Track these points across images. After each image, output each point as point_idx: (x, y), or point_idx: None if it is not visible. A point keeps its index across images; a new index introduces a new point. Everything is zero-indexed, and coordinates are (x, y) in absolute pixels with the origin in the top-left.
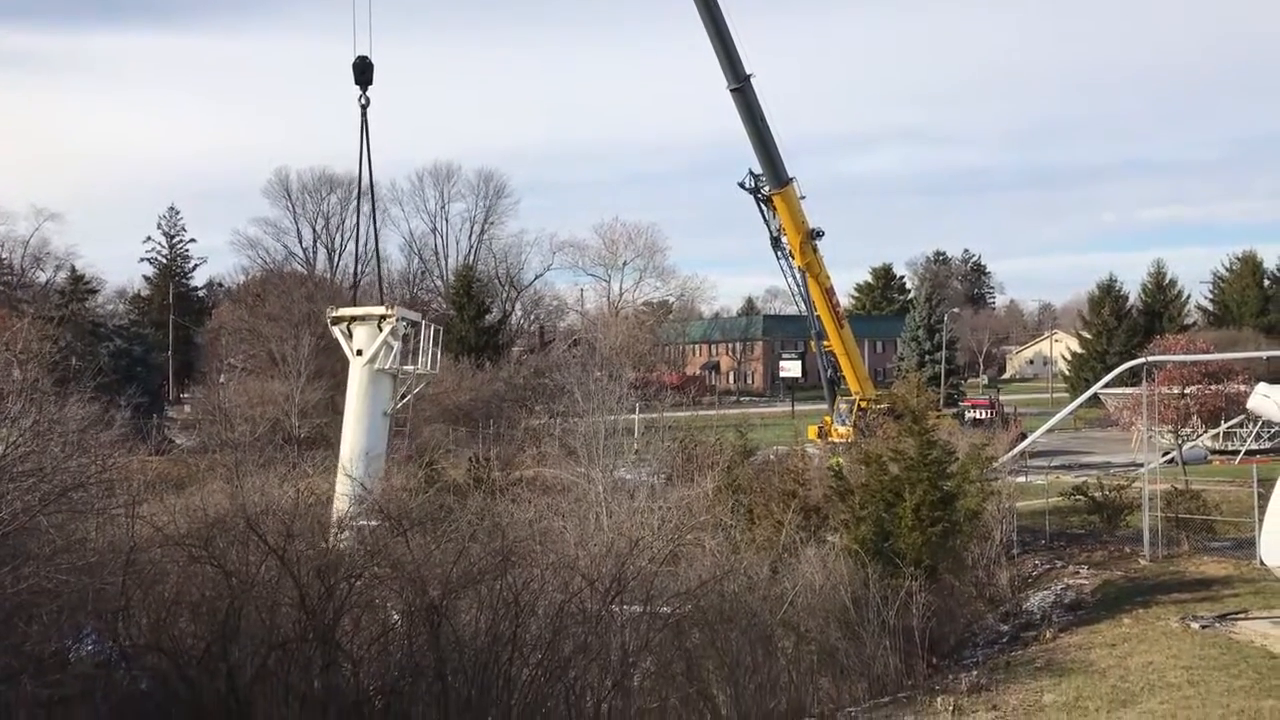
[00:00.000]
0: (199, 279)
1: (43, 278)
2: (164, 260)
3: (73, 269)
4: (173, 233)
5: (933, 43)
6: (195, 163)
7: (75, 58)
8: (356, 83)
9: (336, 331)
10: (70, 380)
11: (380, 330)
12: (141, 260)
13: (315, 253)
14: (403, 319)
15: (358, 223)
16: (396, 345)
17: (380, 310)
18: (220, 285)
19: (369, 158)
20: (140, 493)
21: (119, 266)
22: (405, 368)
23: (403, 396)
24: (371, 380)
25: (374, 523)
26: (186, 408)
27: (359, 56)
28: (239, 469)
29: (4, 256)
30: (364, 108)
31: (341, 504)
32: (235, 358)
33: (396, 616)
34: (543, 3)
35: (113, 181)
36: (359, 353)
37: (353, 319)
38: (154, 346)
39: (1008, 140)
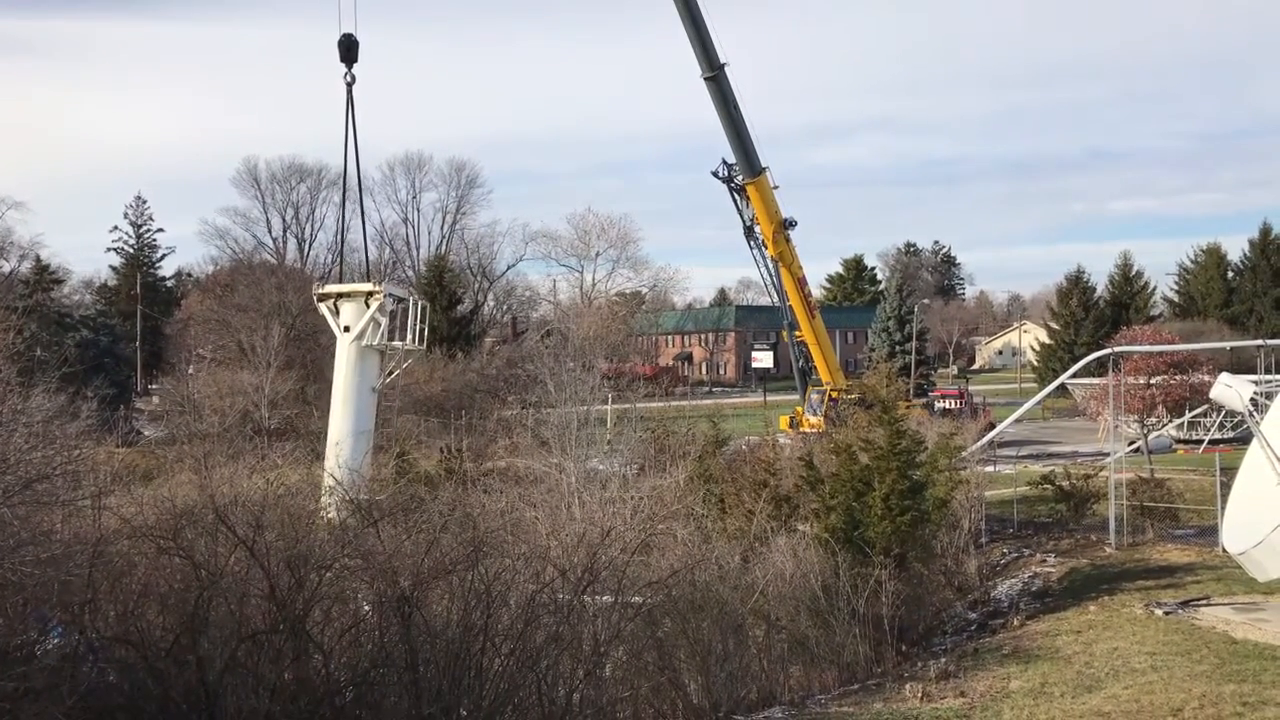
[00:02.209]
0: (167, 269)
1: (7, 267)
2: (131, 250)
3: (38, 259)
4: (140, 222)
5: (904, 33)
6: (163, 152)
7: (40, 44)
8: (342, 60)
9: (323, 308)
10: (35, 371)
11: (367, 307)
12: (108, 250)
13: (285, 243)
14: (390, 295)
15: (343, 199)
16: (384, 321)
17: (367, 287)
18: (189, 275)
19: (355, 135)
20: (107, 484)
21: (86, 256)
22: (393, 343)
23: (390, 373)
24: (359, 356)
25: (363, 497)
26: (154, 399)
27: (344, 34)
28: (208, 460)
29: None
30: (349, 85)
31: (329, 480)
32: (204, 348)
33: (367, 607)
34: None
35: (78, 170)
36: (346, 329)
37: (339, 296)
38: (121, 337)
39: (978, 131)
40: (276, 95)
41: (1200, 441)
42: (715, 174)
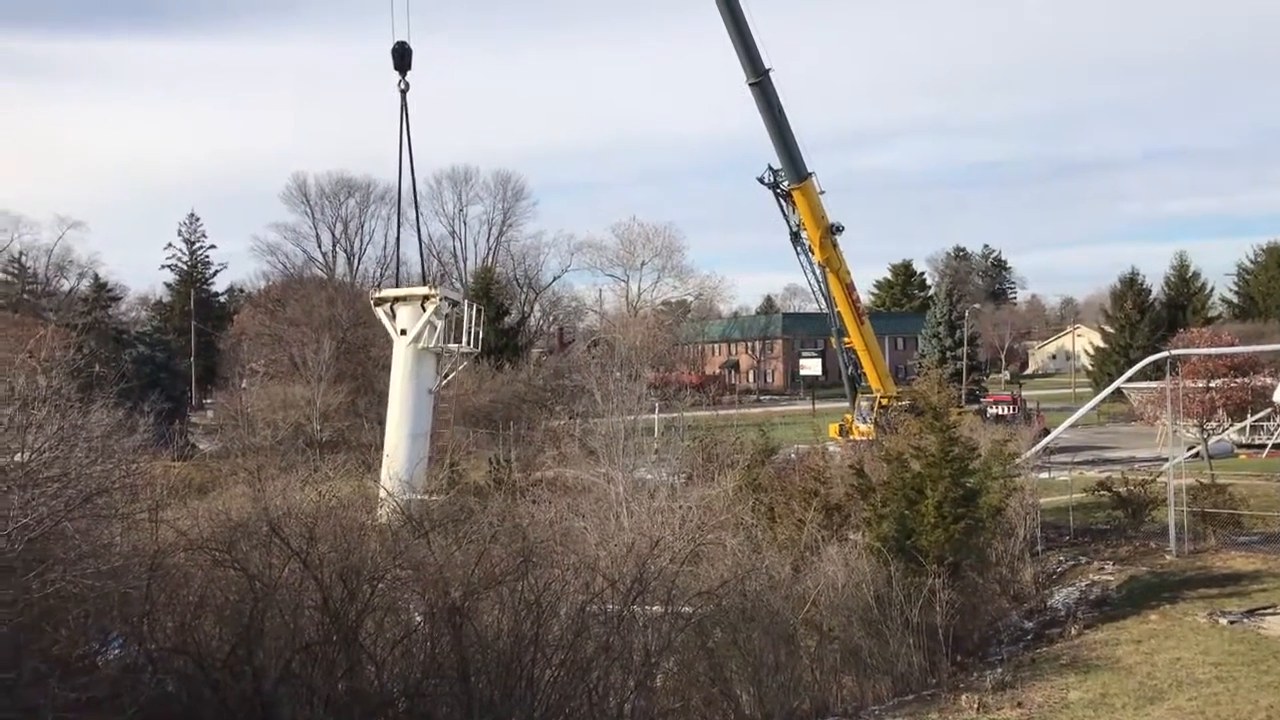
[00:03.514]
0: (220, 285)
1: (66, 286)
2: (185, 267)
3: (96, 277)
4: (193, 239)
5: (950, 33)
6: (215, 169)
7: (95, 65)
8: (396, 68)
9: (380, 313)
10: (94, 387)
11: (424, 310)
12: (163, 267)
13: (335, 257)
14: (445, 298)
15: (399, 204)
16: (440, 324)
17: (423, 290)
18: (241, 291)
19: (409, 142)
20: (164, 497)
21: (141, 273)
22: (449, 345)
23: (446, 374)
24: (416, 359)
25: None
26: (209, 413)
27: (398, 42)
28: (261, 473)
29: (28, 265)
30: (403, 93)
31: (388, 483)
32: (257, 363)
33: (419, 618)
34: (555, 2)
35: (134, 189)
36: (403, 332)
37: (396, 300)
38: (176, 352)
39: (1027, 131)
40: (325, 111)
41: (1263, 446)
42: (761, 180)
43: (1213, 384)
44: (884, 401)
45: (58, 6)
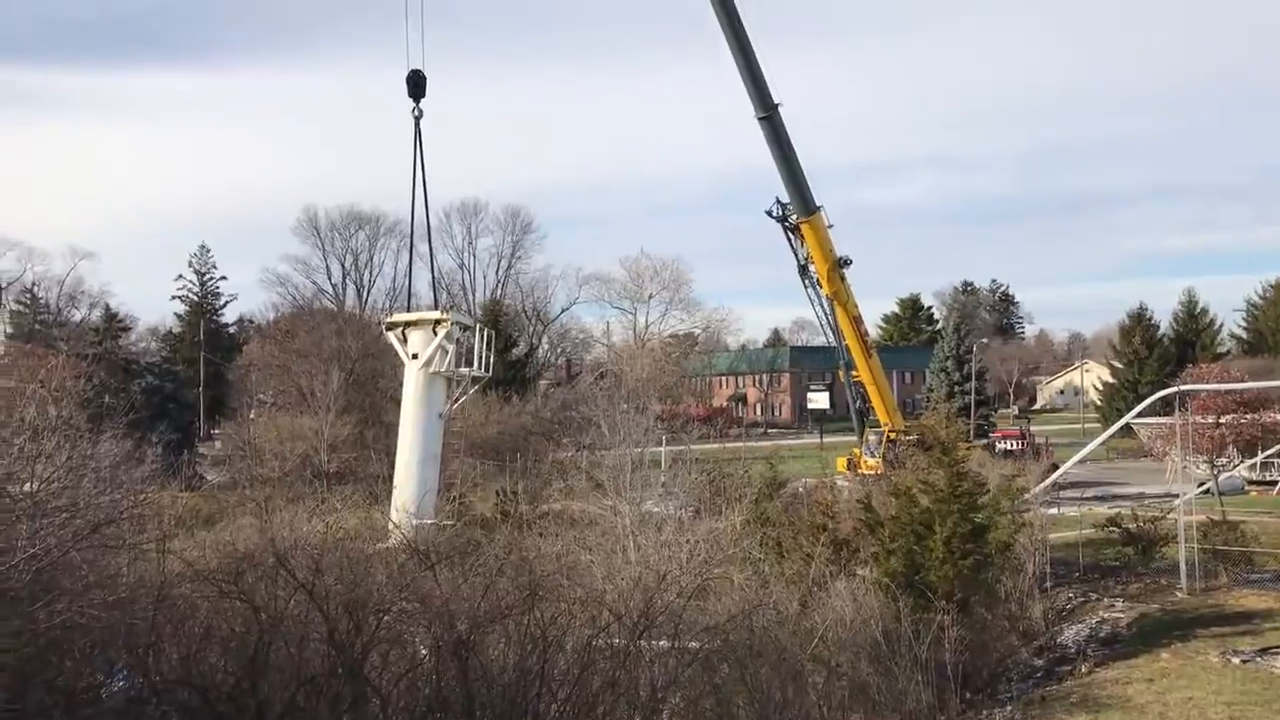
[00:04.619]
0: (230, 316)
1: (77, 316)
2: (195, 298)
3: (107, 307)
4: (204, 270)
5: (957, 69)
6: (226, 200)
7: (109, 96)
8: (410, 95)
9: (392, 337)
10: (104, 417)
11: (435, 334)
12: (173, 298)
13: (344, 289)
14: (456, 323)
15: (412, 229)
16: (451, 349)
17: (435, 315)
18: (250, 322)
19: (423, 168)
20: (171, 528)
21: (152, 304)
22: (460, 369)
23: (456, 399)
24: (427, 383)
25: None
26: (217, 443)
27: (413, 70)
28: (268, 504)
29: (40, 295)
30: (417, 120)
31: (399, 513)
32: (265, 394)
33: (424, 651)
34: (565, 35)
35: (146, 220)
36: (414, 357)
37: (408, 324)
38: (185, 383)
39: (1035, 167)
40: (337, 145)
41: (1274, 483)
42: (769, 213)
43: (1222, 420)
44: (892, 436)
45: (73, 37)
